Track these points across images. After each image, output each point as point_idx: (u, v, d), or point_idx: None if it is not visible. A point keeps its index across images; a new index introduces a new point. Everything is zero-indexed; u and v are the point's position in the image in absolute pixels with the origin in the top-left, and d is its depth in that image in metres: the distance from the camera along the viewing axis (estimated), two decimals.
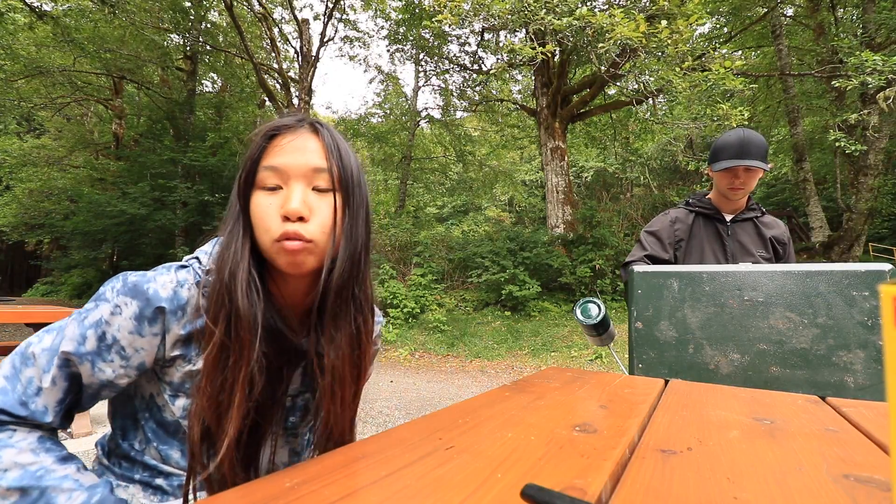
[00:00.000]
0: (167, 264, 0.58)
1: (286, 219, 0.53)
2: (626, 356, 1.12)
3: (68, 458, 0.52)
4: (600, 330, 1.21)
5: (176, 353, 0.55)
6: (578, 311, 1.21)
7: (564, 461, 0.37)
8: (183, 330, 0.55)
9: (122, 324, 0.53)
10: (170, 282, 0.55)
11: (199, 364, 0.55)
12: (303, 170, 0.55)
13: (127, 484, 0.59)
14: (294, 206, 0.53)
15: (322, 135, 0.58)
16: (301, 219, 0.53)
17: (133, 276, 0.55)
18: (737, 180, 1.46)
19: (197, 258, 0.60)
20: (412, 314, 8.36)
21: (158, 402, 0.58)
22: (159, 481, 0.59)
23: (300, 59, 12.17)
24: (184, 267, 0.58)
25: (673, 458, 0.40)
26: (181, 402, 0.57)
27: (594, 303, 1.20)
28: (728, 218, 1.56)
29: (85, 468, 0.54)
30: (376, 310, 0.72)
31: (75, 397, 0.55)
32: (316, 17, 12.65)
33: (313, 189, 0.56)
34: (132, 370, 0.55)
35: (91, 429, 3.65)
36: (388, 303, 8.43)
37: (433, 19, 6.51)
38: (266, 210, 0.54)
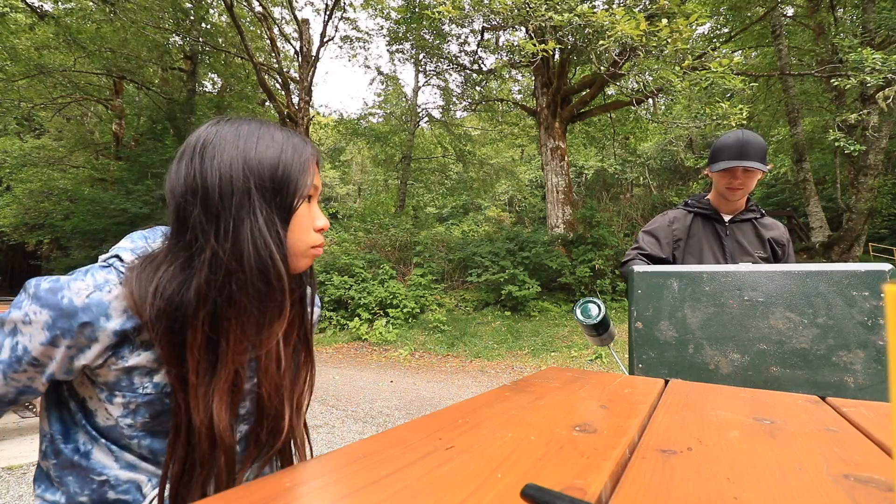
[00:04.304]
0: (86, 267, 0.55)
1: (319, 230, 0.64)
2: (626, 356, 1.12)
3: None
4: (600, 330, 1.21)
5: (107, 355, 0.53)
6: (578, 311, 1.21)
7: (564, 461, 0.37)
8: (113, 333, 0.52)
9: (33, 334, 0.50)
10: (85, 288, 0.51)
11: (133, 360, 0.53)
12: (319, 191, 0.66)
13: None
14: (327, 223, 0.64)
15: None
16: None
17: (46, 283, 0.51)
18: (735, 181, 1.47)
19: (118, 256, 0.57)
20: (412, 314, 8.36)
21: (91, 407, 0.56)
22: (112, 495, 0.55)
23: (300, 58, 12.17)
24: (105, 267, 0.55)
25: (673, 458, 0.40)
26: (119, 399, 0.54)
27: (594, 303, 1.20)
28: (727, 218, 1.56)
29: None
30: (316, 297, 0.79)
31: None
32: (317, 11, 12.59)
33: None
34: (45, 378, 0.53)
35: None
36: (388, 303, 8.44)
37: (434, 10, 6.50)
38: (307, 220, 0.62)
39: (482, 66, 11.66)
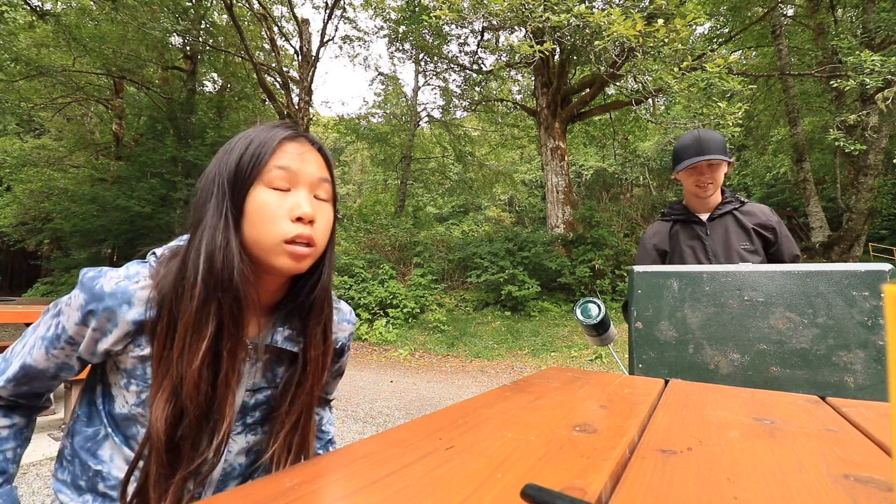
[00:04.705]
0: (133, 261, 0.59)
1: (298, 220, 0.56)
2: (626, 356, 1.12)
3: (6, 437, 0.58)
4: (600, 330, 1.21)
5: (127, 342, 0.56)
6: (578, 311, 1.21)
7: (564, 461, 0.37)
8: (132, 321, 0.55)
9: (70, 314, 0.55)
10: (117, 277, 0.55)
11: (147, 350, 0.56)
12: (310, 178, 0.59)
13: (83, 497, 0.58)
14: (308, 210, 0.56)
15: (323, 150, 0.63)
16: (311, 222, 0.57)
17: (91, 272, 0.56)
18: (702, 177, 1.47)
19: (154, 253, 0.60)
20: (412, 314, 8.36)
21: (113, 392, 0.59)
22: (102, 487, 0.57)
23: (300, 58, 12.16)
24: (142, 262, 0.60)
25: (673, 458, 0.40)
26: (133, 388, 0.57)
27: (594, 303, 1.20)
28: (704, 217, 1.54)
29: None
30: (350, 310, 0.76)
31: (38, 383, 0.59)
32: (316, 8, 12.60)
33: (314, 197, 0.60)
34: (77, 357, 0.58)
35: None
36: (388, 303, 8.43)
37: (432, 14, 6.51)
38: (275, 209, 0.56)
39: (482, 66, 11.66)
